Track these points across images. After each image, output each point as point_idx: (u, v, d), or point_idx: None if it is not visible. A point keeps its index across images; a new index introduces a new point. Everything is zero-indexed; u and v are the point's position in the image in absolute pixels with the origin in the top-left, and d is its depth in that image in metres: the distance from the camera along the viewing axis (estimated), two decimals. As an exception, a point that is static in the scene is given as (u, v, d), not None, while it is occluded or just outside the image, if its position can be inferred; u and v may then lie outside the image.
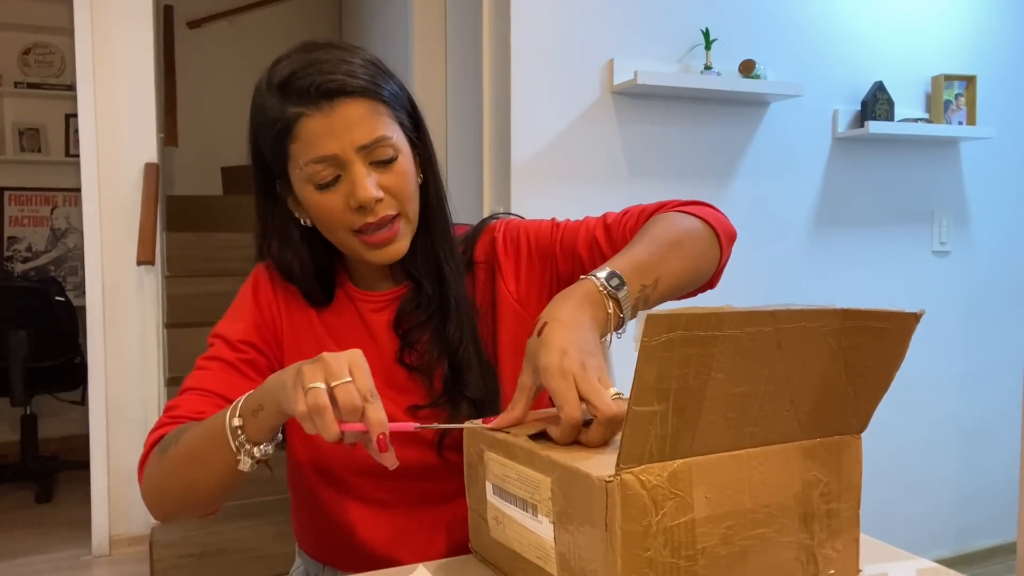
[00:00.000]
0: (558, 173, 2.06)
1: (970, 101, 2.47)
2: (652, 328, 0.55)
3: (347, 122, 0.86)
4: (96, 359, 2.91)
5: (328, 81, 0.85)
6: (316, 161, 0.87)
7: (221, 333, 0.97)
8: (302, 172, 0.88)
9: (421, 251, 0.97)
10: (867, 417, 0.71)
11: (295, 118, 0.86)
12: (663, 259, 0.86)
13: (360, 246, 0.91)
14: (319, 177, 0.87)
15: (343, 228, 0.90)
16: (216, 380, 0.93)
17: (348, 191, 0.88)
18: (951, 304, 2.62)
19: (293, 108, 0.86)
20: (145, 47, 3.00)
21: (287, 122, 0.87)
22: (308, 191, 0.89)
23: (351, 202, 0.88)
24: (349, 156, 0.87)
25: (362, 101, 0.87)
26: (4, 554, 2.97)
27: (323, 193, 0.88)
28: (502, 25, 2.04)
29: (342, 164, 0.87)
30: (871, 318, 0.65)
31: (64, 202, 4.42)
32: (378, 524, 0.98)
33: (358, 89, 0.87)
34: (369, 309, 1.00)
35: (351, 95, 0.86)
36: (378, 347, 0.99)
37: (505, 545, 0.75)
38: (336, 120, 0.86)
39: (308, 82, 0.86)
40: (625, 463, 0.58)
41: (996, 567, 2.72)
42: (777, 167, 2.32)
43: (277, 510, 2.67)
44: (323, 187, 0.88)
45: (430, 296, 0.97)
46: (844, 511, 0.70)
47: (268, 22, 4.88)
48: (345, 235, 0.91)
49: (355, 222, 0.89)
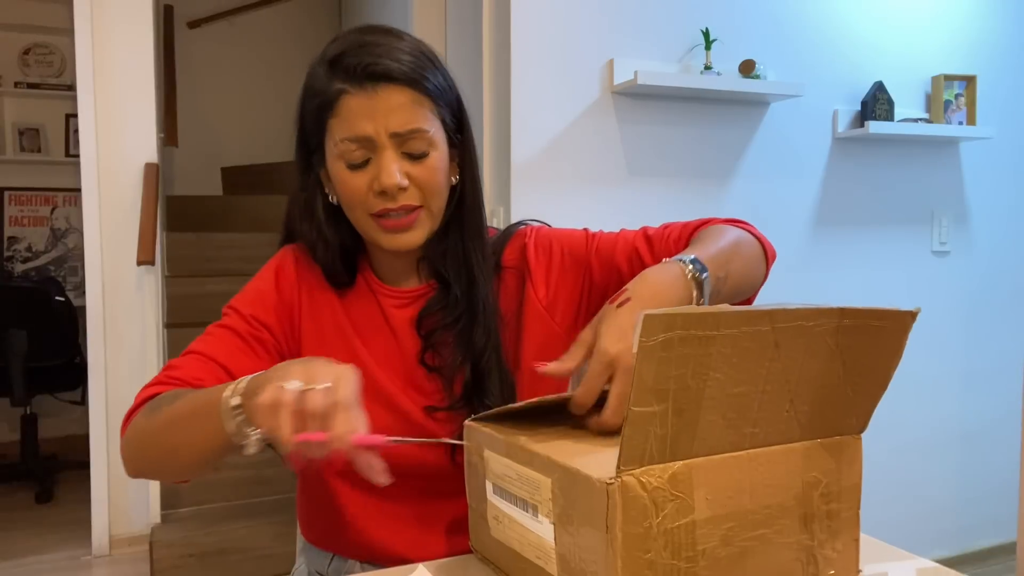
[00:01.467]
0: (558, 173, 2.06)
1: (970, 101, 2.47)
2: (650, 328, 0.55)
3: (387, 107, 0.88)
4: (96, 359, 2.91)
5: (374, 64, 0.87)
6: (350, 139, 0.88)
7: (236, 306, 0.97)
8: (336, 148, 0.90)
9: (452, 251, 0.98)
10: (866, 417, 0.71)
11: (338, 94, 0.88)
12: (729, 258, 0.88)
13: (376, 229, 0.92)
14: (351, 156, 0.89)
15: (362, 209, 0.92)
16: (222, 349, 0.93)
17: (374, 174, 0.89)
18: (951, 304, 2.62)
19: (338, 84, 0.88)
20: (145, 47, 3.00)
21: (330, 97, 0.89)
22: (338, 167, 0.91)
23: (375, 185, 0.89)
24: (382, 140, 0.88)
25: (405, 90, 0.88)
26: (4, 554, 2.97)
27: (352, 172, 0.90)
28: (502, 25, 2.04)
29: (374, 147, 0.89)
30: (868, 316, 0.65)
31: (64, 202, 4.42)
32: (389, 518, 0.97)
33: (402, 77, 0.88)
34: (392, 304, 1.00)
35: (395, 81, 0.88)
36: (399, 343, 0.99)
37: (505, 545, 0.75)
38: (376, 103, 0.87)
39: (356, 61, 0.87)
40: (625, 464, 0.58)
41: (996, 567, 2.72)
42: (777, 167, 2.32)
43: (277, 510, 2.67)
44: (353, 166, 0.90)
45: (457, 298, 0.97)
46: (844, 511, 0.70)
47: (268, 22, 4.88)
48: (363, 216, 0.92)
49: (375, 205, 0.91)
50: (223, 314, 0.97)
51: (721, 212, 2.24)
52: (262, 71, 4.84)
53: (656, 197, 2.17)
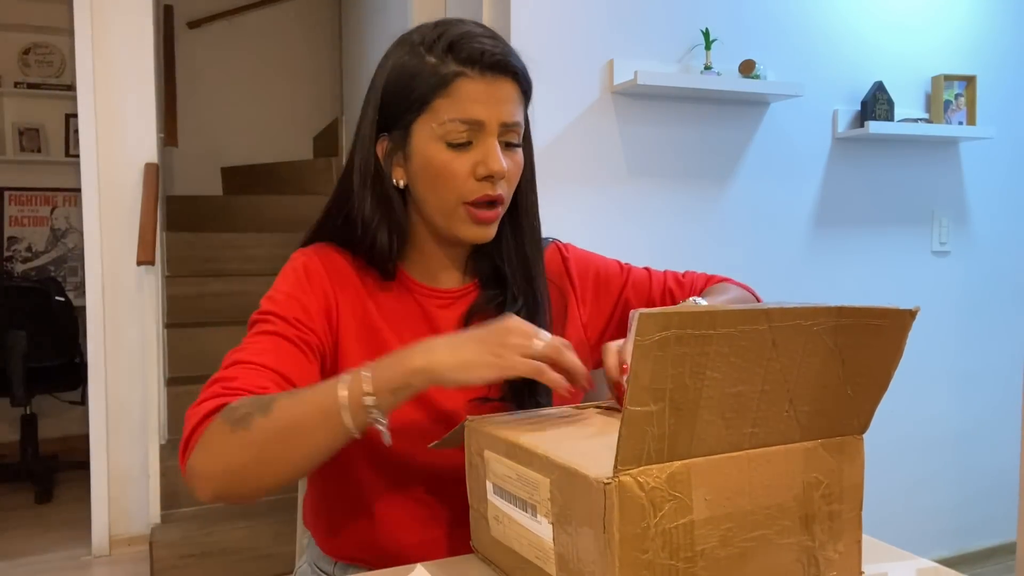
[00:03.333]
0: (558, 173, 2.06)
1: (970, 101, 2.47)
2: (645, 327, 0.55)
3: (501, 97, 0.91)
4: (96, 359, 2.91)
5: (499, 54, 0.90)
6: (461, 120, 0.90)
7: (274, 310, 0.91)
8: (439, 127, 0.90)
9: (508, 251, 1.00)
10: (868, 417, 0.71)
11: (455, 75, 0.89)
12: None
13: (465, 218, 0.93)
14: (456, 136, 0.90)
15: (457, 194, 0.92)
16: (276, 356, 0.87)
17: (478, 159, 0.91)
18: (951, 304, 2.62)
19: (456, 66, 0.89)
20: (145, 47, 3.00)
21: (446, 76, 0.89)
22: (436, 148, 0.91)
23: (479, 170, 0.91)
24: (492, 128, 0.91)
25: (515, 84, 0.92)
26: (4, 554, 2.97)
27: (453, 152, 0.91)
28: (502, 25, 2.04)
29: (481, 132, 0.91)
30: (866, 315, 0.65)
31: (64, 202, 4.42)
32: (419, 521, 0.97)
33: (517, 73, 0.92)
34: (434, 305, 1.00)
35: (511, 75, 0.91)
36: None
37: (505, 544, 0.75)
38: (493, 91, 0.90)
39: (480, 48, 0.89)
40: (623, 464, 0.58)
41: (996, 567, 2.72)
42: (777, 167, 2.32)
43: (277, 510, 2.67)
44: (455, 146, 0.90)
45: (516, 294, 0.99)
46: (846, 512, 0.70)
47: (268, 22, 4.88)
48: (455, 202, 0.92)
49: (473, 191, 0.92)
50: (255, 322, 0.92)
51: (721, 212, 2.24)
52: (262, 71, 4.84)
53: (656, 197, 2.17)
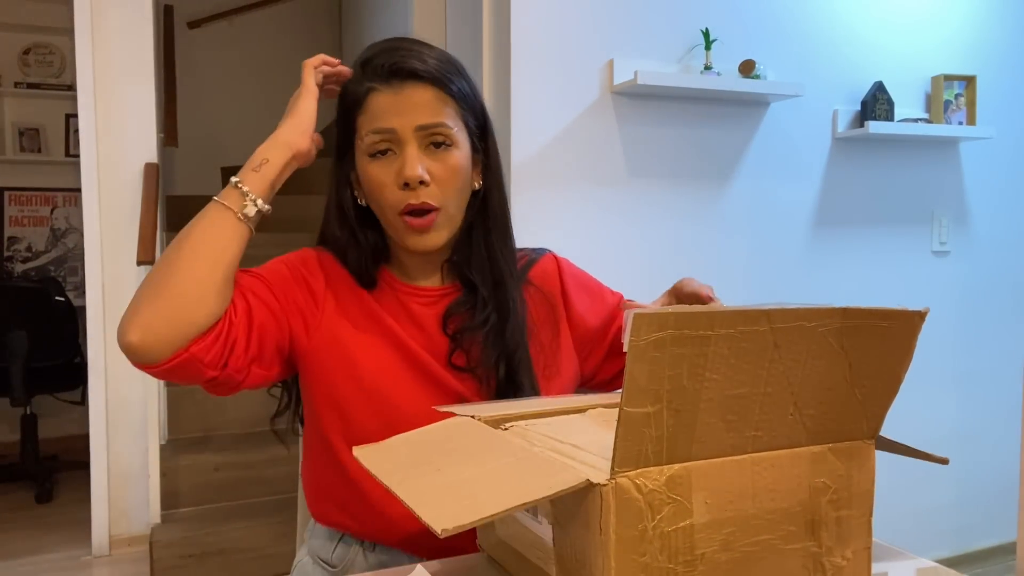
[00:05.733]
0: (558, 173, 2.06)
1: (970, 101, 2.46)
2: (640, 327, 0.55)
3: (412, 103, 0.93)
4: (96, 359, 2.91)
5: (401, 62, 0.93)
6: (375, 132, 0.94)
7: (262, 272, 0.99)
8: (363, 143, 0.95)
9: (477, 255, 1.01)
10: (878, 421, 0.69)
11: (367, 92, 0.95)
12: None
13: (404, 228, 0.95)
14: (375, 147, 0.94)
15: (391, 206, 0.95)
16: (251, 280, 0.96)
17: (399, 168, 0.93)
18: (951, 304, 2.62)
19: (367, 83, 0.95)
20: (145, 47, 3.00)
21: (360, 95, 0.95)
22: (365, 162, 0.96)
23: (398, 179, 0.93)
24: (406, 135, 0.93)
25: (429, 88, 0.94)
26: (4, 554, 2.97)
27: (376, 162, 0.94)
28: (502, 25, 2.04)
29: (398, 141, 0.93)
30: (873, 317, 0.64)
31: (64, 202, 4.42)
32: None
33: (427, 76, 0.94)
34: (417, 303, 1.02)
35: (420, 79, 0.93)
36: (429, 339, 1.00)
37: (509, 544, 0.75)
38: (402, 99, 0.93)
39: (383, 61, 0.94)
40: (620, 466, 0.58)
41: (996, 567, 2.71)
42: (777, 167, 2.32)
43: (277, 510, 2.67)
44: (376, 156, 0.94)
45: (485, 301, 1.00)
46: (855, 518, 0.68)
47: (268, 22, 4.88)
48: (392, 215, 0.95)
49: (400, 201, 0.94)
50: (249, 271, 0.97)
51: (721, 212, 2.24)
52: (262, 71, 4.84)
53: (656, 197, 2.16)
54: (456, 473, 0.65)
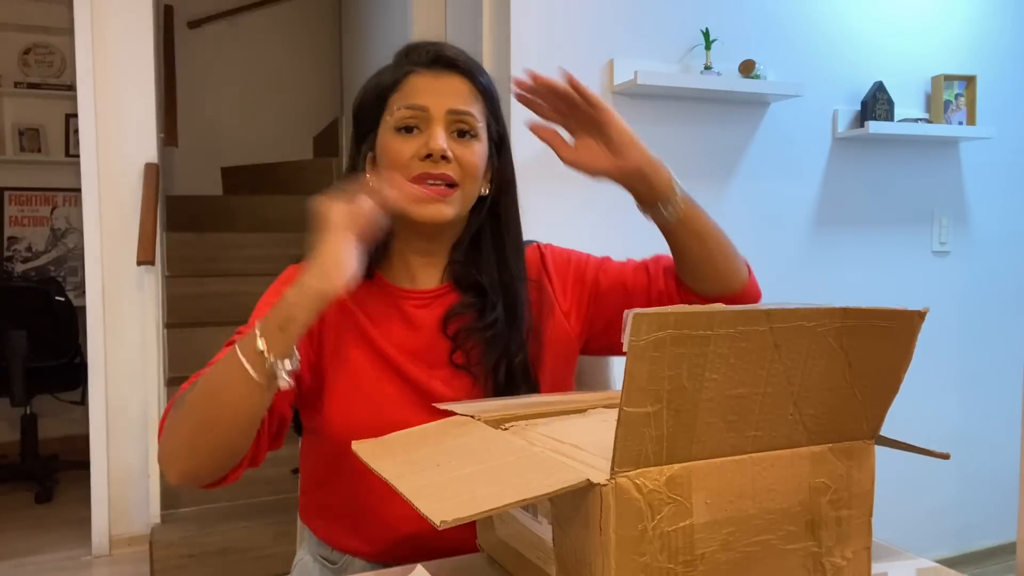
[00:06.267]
0: (558, 173, 2.04)
1: (970, 101, 2.46)
2: (639, 327, 0.55)
3: (448, 88, 0.97)
4: (96, 359, 2.91)
5: (444, 52, 0.99)
6: (408, 107, 0.96)
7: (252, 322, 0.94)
8: (392, 117, 0.97)
9: (487, 263, 1.02)
10: (878, 422, 0.69)
11: (406, 74, 0.98)
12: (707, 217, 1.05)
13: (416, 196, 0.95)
14: (403, 121, 0.96)
15: (401, 174, 0.95)
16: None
17: (424, 141, 0.95)
18: (951, 304, 2.62)
19: (407, 67, 0.98)
20: (145, 47, 3.00)
21: (398, 77, 0.98)
22: (389, 136, 0.97)
23: (421, 150, 0.95)
24: (437, 114, 0.95)
25: (465, 80, 0.99)
26: (4, 554, 2.97)
27: (400, 136, 0.96)
28: (502, 25, 2.04)
29: (427, 119, 0.96)
30: (873, 317, 0.64)
31: (64, 202, 4.42)
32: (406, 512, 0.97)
33: (465, 70, 0.99)
34: (411, 305, 1.02)
35: (459, 71, 0.99)
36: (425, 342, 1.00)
37: (509, 544, 0.75)
38: (440, 83, 0.97)
39: (427, 48, 0.99)
40: (620, 466, 0.58)
41: (996, 567, 2.71)
42: (777, 167, 2.32)
43: (277, 510, 2.67)
44: (403, 130, 0.96)
45: (494, 307, 1.00)
46: (855, 518, 0.68)
47: (268, 22, 4.88)
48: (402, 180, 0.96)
49: (415, 168, 0.95)
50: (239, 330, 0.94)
51: (721, 212, 2.23)
52: (262, 71, 4.84)
53: (656, 197, 2.16)
54: (456, 469, 0.65)
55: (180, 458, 0.85)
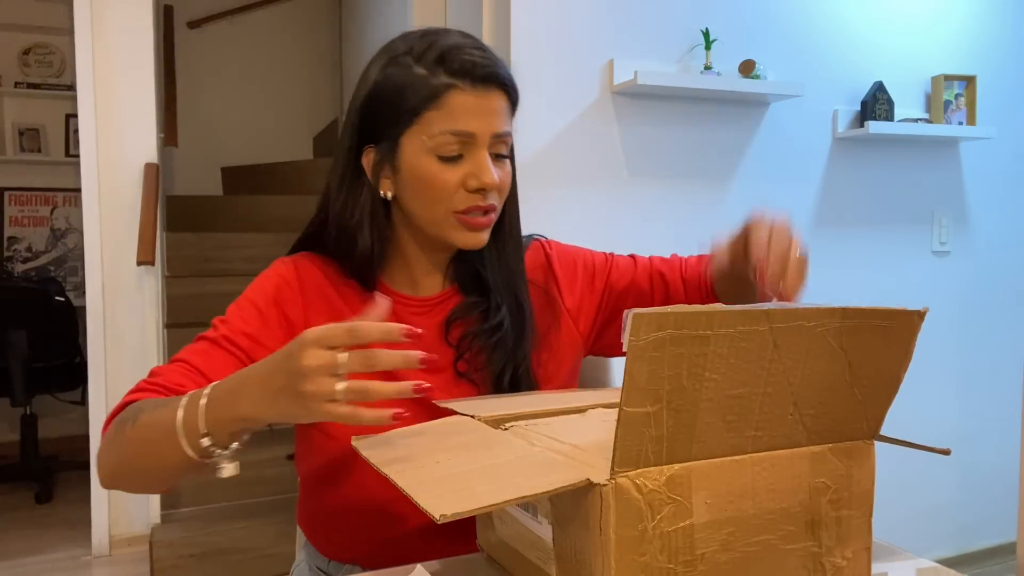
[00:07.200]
0: (558, 173, 2.06)
1: (970, 101, 2.46)
2: (639, 327, 0.55)
3: (492, 109, 0.91)
4: (96, 359, 2.91)
5: (491, 67, 0.91)
6: (453, 133, 0.89)
7: (230, 319, 0.93)
8: (430, 140, 0.90)
9: (491, 263, 1.00)
10: (878, 422, 0.69)
11: (446, 88, 0.89)
12: None
13: (457, 226, 0.93)
14: (447, 149, 0.90)
15: (447, 206, 0.92)
16: (209, 361, 0.89)
17: (470, 171, 0.91)
18: (951, 304, 2.62)
19: (447, 79, 0.89)
20: (145, 47, 3.00)
21: (436, 89, 0.89)
22: (427, 161, 0.91)
23: (471, 182, 0.91)
24: (483, 140, 0.91)
25: (505, 97, 0.93)
26: (4, 554, 2.97)
27: (444, 165, 0.90)
28: (502, 25, 2.04)
29: (472, 145, 0.91)
30: (873, 316, 0.64)
31: (64, 202, 4.42)
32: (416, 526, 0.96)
33: (508, 85, 0.93)
34: (412, 312, 1.00)
35: (502, 87, 0.93)
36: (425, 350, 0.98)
37: (509, 544, 0.75)
38: (484, 103, 0.90)
39: (472, 60, 0.90)
40: (620, 466, 0.58)
41: (996, 567, 2.71)
42: (777, 167, 2.32)
43: (277, 510, 2.67)
44: (446, 159, 0.90)
45: (498, 303, 0.99)
46: (855, 518, 0.68)
47: (268, 22, 4.88)
48: (444, 213, 0.92)
49: (463, 202, 0.92)
50: (214, 325, 0.94)
51: (721, 212, 2.24)
52: (262, 71, 4.84)
53: (656, 197, 2.16)
54: (456, 466, 0.65)
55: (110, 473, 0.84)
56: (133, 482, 0.85)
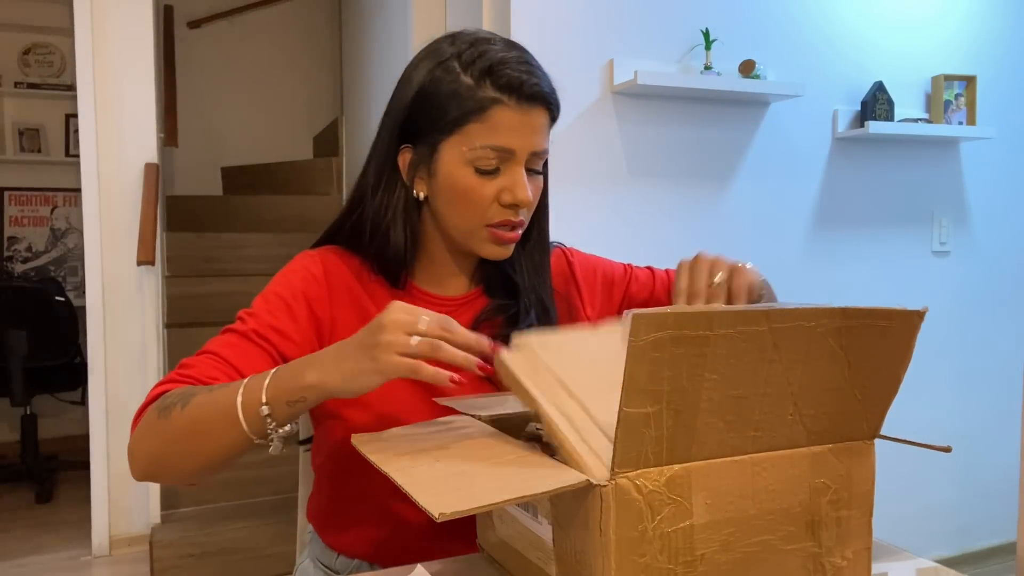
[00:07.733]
0: (558, 173, 2.06)
1: (970, 101, 2.46)
2: (638, 327, 0.55)
3: (533, 126, 0.92)
4: (96, 359, 2.91)
5: (537, 84, 0.92)
6: (493, 148, 0.90)
7: (257, 312, 0.93)
8: (470, 152, 0.91)
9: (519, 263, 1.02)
10: (878, 422, 0.69)
11: (492, 102, 0.90)
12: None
13: (487, 238, 0.95)
14: (485, 163, 0.91)
15: (480, 217, 0.93)
16: (239, 354, 0.89)
17: (505, 186, 0.92)
18: (951, 304, 2.62)
19: (494, 92, 0.90)
20: (145, 47, 3.00)
21: (482, 102, 0.90)
22: (464, 172, 0.92)
23: (505, 197, 0.92)
24: (521, 157, 0.92)
25: (546, 114, 0.94)
26: (4, 554, 2.97)
27: (480, 178, 0.92)
28: (502, 26, 2.04)
29: (510, 160, 0.92)
30: (872, 316, 0.64)
31: (64, 202, 4.42)
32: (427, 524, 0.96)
33: (551, 104, 0.94)
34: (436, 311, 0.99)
35: (545, 106, 0.93)
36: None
37: (510, 544, 0.75)
38: (527, 121, 0.91)
39: (520, 77, 0.90)
40: (620, 467, 0.58)
41: (996, 567, 2.71)
42: (777, 167, 2.32)
43: (277, 510, 2.67)
44: (483, 173, 0.91)
45: (527, 307, 1.00)
46: (855, 519, 0.68)
47: (268, 22, 4.87)
48: (476, 223, 0.94)
49: (495, 216, 0.93)
50: (241, 318, 0.93)
51: (721, 212, 2.24)
52: (262, 71, 4.84)
53: (656, 197, 2.17)
54: (456, 465, 0.65)
55: (149, 463, 0.84)
56: (175, 467, 0.83)
